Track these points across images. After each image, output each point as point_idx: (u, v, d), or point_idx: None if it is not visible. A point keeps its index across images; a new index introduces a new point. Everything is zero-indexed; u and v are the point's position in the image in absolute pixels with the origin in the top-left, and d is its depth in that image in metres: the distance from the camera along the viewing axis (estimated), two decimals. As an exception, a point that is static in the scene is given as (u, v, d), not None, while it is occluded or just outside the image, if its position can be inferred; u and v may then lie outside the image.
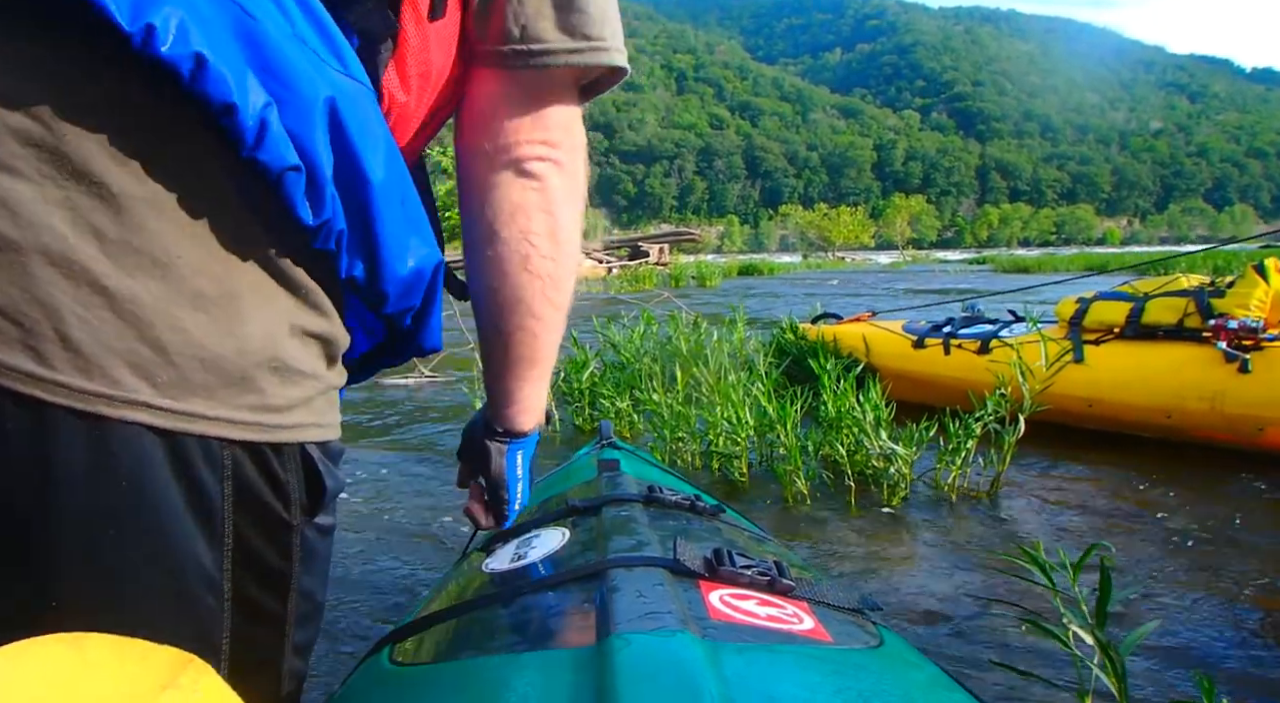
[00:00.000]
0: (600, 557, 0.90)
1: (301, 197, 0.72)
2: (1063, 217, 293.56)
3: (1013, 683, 1.80)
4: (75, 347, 0.64)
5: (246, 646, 0.78)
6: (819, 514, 3.00)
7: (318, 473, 0.81)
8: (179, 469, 0.69)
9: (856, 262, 52.17)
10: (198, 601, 0.73)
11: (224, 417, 0.71)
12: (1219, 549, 2.54)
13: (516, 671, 0.67)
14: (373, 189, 0.78)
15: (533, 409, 1.15)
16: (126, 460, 0.67)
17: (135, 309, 0.66)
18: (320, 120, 0.72)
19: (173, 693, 0.54)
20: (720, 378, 4.00)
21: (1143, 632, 1.39)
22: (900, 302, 13.51)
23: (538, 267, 0.98)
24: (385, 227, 0.80)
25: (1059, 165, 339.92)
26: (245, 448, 0.73)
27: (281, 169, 0.69)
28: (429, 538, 2.85)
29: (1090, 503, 3.03)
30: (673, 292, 15.58)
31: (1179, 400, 3.59)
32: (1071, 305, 4.14)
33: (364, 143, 0.76)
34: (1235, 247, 15.21)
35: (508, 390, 1.11)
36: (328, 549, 0.89)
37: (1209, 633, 2.01)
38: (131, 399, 0.66)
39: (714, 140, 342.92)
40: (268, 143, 0.67)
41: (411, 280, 0.87)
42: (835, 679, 0.64)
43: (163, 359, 0.68)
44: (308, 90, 0.70)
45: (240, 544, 0.75)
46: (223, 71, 0.64)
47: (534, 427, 1.17)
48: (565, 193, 0.98)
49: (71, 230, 0.64)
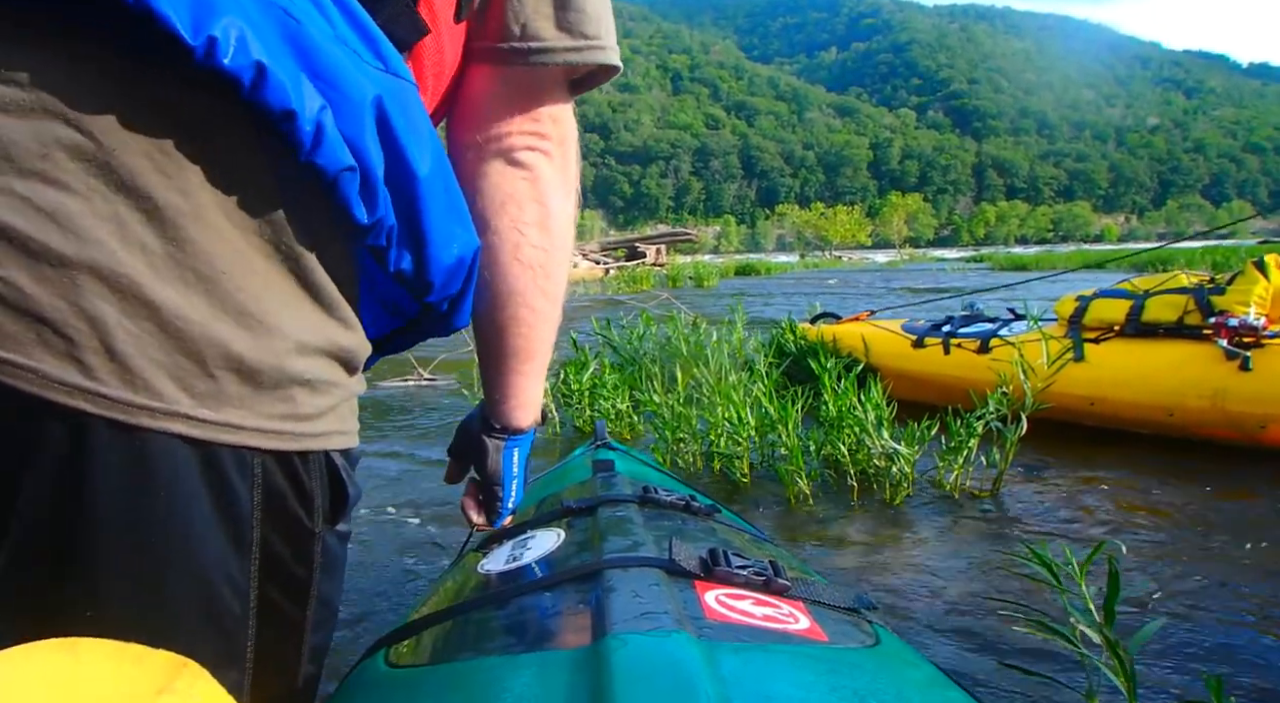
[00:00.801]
0: (596, 557, 0.90)
1: (356, 196, 0.73)
2: (1060, 214, 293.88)
3: (1018, 683, 1.80)
4: (121, 359, 0.65)
5: (267, 651, 0.79)
6: (821, 514, 3.00)
7: (341, 480, 0.82)
8: (211, 478, 0.70)
9: (854, 261, 52.19)
10: (225, 607, 0.74)
11: (256, 426, 0.72)
12: (1224, 547, 2.54)
13: (512, 672, 0.67)
14: (420, 183, 0.79)
15: (529, 405, 1.17)
16: (163, 471, 0.67)
17: (180, 323, 0.66)
18: (369, 120, 0.73)
19: (168, 698, 0.54)
20: (721, 378, 4.00)
21: (1150, 630, 1.39)
22: (899, 301, 13.50)
23: (529, 256, 1.01)
24: (432, 218, 0.82)
25: (1055, 162, 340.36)
26: (275, 457, 0.74)
27: (338, 171, 0.70)
28: (424, 540, 2.85)
29: (1093, 501, 3.03)
30: (670, 292, 15.57)
31: (1180, 398, 3.58)
32: (1071, 303, 4.14)
33: (410, 138, 0.77)
34: (1182, 244, 15.22)
35: (504, 385, 1.14)
36: (345, 555, 0.89)
37: (1216, 632, 2.01)
38: (171, 410, 0.67)
39: (710, 140, 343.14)
40: (324, 146, 0.68)
41: (455, 268, 0.88)
42: (831, 678, 0.64)
43: (203, 371, 0.68)
44: (355, 92, 0.71)
45: (266, 552, 0.76)
46: (281, 79, 0.65)
47: (531, 424, 1.19)
48: (556, 183, 1.01)
49: (120, 244, 0.64)
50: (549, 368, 1.19)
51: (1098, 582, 1.48)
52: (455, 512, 3.05)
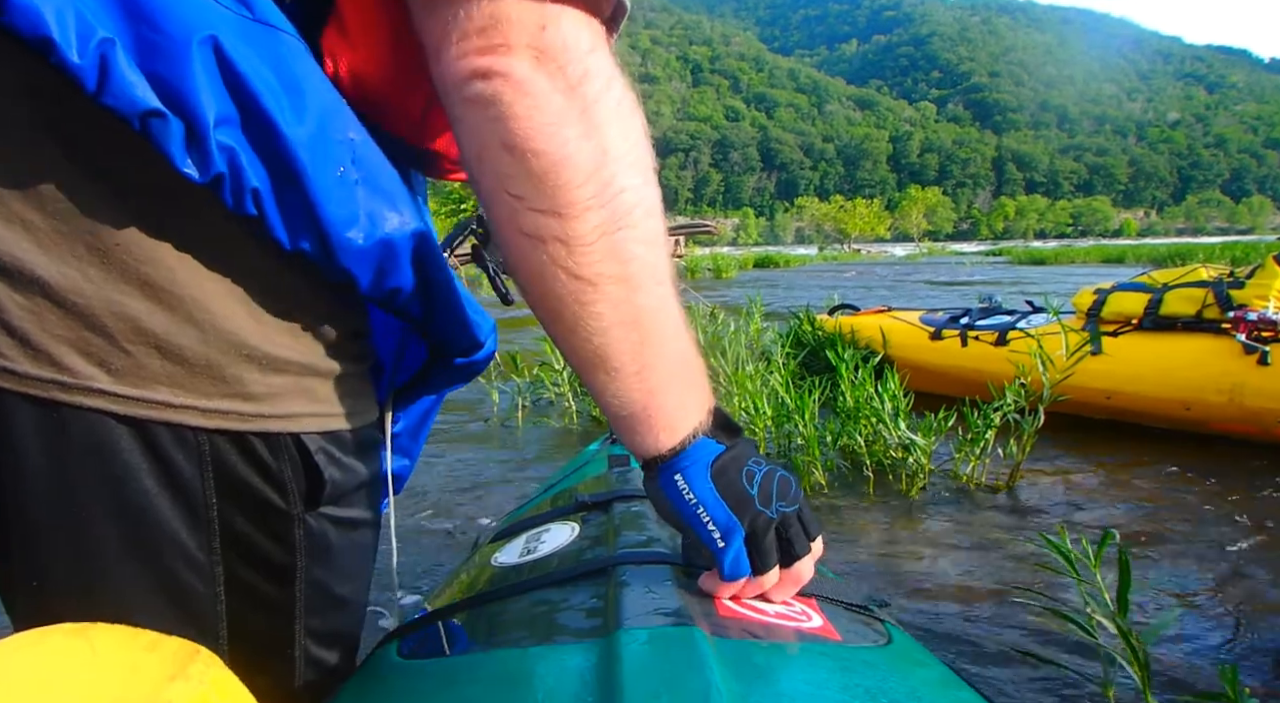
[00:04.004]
0: (610, 552, 0.90)
1: (180, 148, 0.63)
2: (1079, 208, 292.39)
3: (1032, 674, 1.79)
4: (22, 336, 0.64)
5: (250, 630, 0.79)
6: (837, 504, 2.99)
7: (315, 464, 0.78)
8: (151, 455, 0.69)
9: (872, 254, 52.09)
10: (181, 582, 0.73)
11: (192, 405, 0.70)
12: (1239, 540, 2.53)
13: (525, 664, 0.67)
14: (290, 143, 0.67)
15: (656, 422, 0.83)
16: (92, 445, 0.67)
17: (75, 298, 0.65)
18: (198, 62, 0.63)
19: (181, 683, 0.55)
20: (738, 368, 3.99)
21: (1166, 620, 1.38)
22: (921, 294, 13.45)
23: (532, 226, 0.73)
24: (318, 188, 0.70)
25: (1076, 157, 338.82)
26: (225, 436, 0.72)
27: (138, 114, 0.61)
28: (440, 532, 2.85)
29: (1110, 495, 3.01)
30: (689, 284, 15.55)
31: (1198, 393, 3.56)
32: (1089, 296, 4.11)
33: (270, 91, 0.67)
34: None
35: (606, 407, 0.83)
36: (354, 542, 0.88)
37: (1232, 624, 2.00)
38: (86, 386, 0.66)
39: (730, 132, 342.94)
40: (113, 85, 0.60)
41: (379, 254, 0.76)
42: (842, 677, 0.63)
43: (113, 346, 0.67)
44: (175, 27, 0.63)
45: (229, 530, 0.74)
46: (32, 2, 0.57)
47: (680, 442, 0.84)
48: (539, 113, 0.69)
49: (1, 224, 0.63)
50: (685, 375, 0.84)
51: (1113, 574, 1.47)
52: (469, 504, 3.07)
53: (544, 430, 4.35)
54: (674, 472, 0.83)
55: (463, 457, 3.87)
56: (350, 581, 0.89)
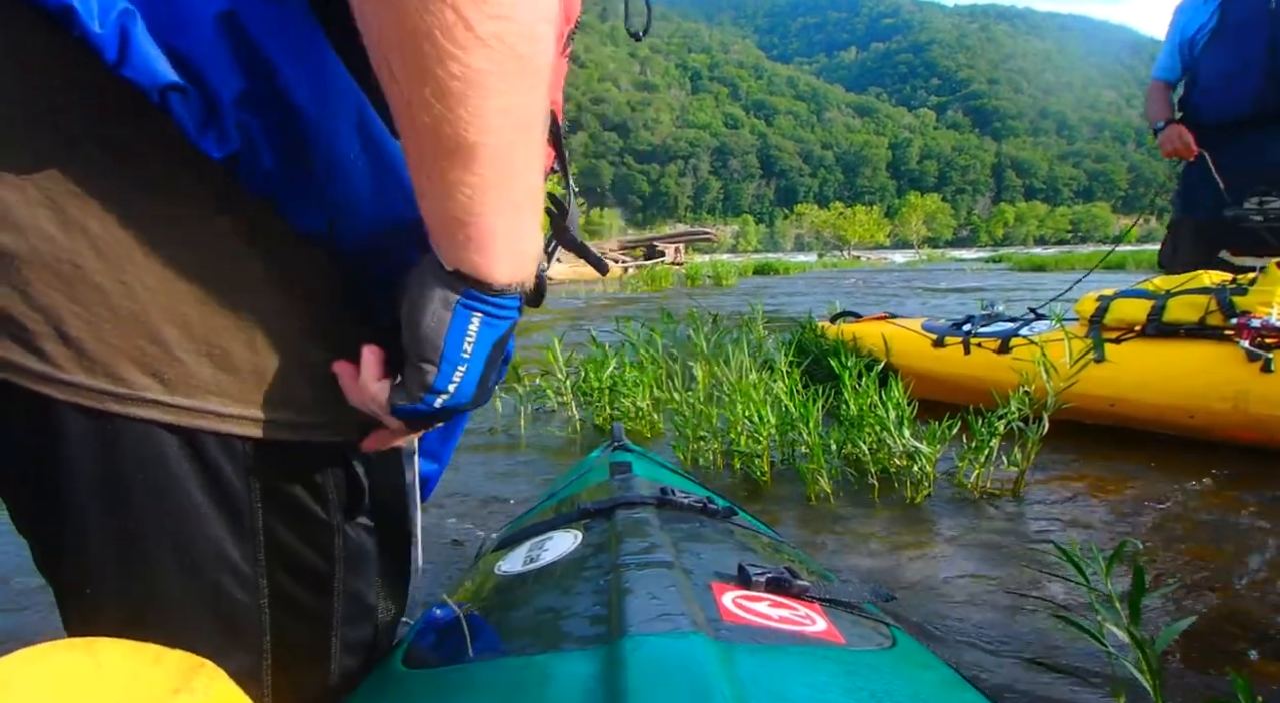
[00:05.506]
0: (613, 559, 0.90)
1: (199, 123, 0.62)
2: (1079, 215, 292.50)
3: (1039, 682, 1.79)
4: (77, 345, 0.64)
5: (291, 642, 0.78)
6: (842, 512, 2.98)
7: (355, 473, 0.79)
8: (199, 464, 0.69)
9: (872, 261, 52.10)
10: (227, 594, 0.73)
11: (241, 414, 0.70)
12: (1247, 547, 2.52)
13: (530, 672, 0.67)
14: (308, 121, 0.65)
15: (496, 250, 0.68)
16: (141, 455, 0.67)
17: (132, 305, 0.65)
18: (215, 36, 0.62)
19: (185, 697, 0.55)
20: (741, 376, 3.98)
21: (1177, 628, 1.38)
22: (922, 301, 13.45)
23: None
24: (333, 168, 0.67)
25: (1075, 163, 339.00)
26: (273, 445, 0.73)
27: (156, 87, 0.60)
28: (443, 540, 2.85)
29: (1115, 502, 3.01)
30: (689, 291, 15.55)
31: (1201, 400, 3.54)
32: (1092, 303, 4.10)
33: (289, 65, 0.64)
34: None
35: (441, 208, 0.65)
36: (388, 552, 0.88)
37: (1243, 632, 1.99)
38: (140, 396, 0.66)
39: (729, 140, 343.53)
40: (133, 57, 0.59)
41: (389, 236, 0.73)
42: (847, 680, 0.63)
43: (166, 355, 0.67)
44: (194, 2, 0.62)
45: (272, 540, 0.75)
46: None
47: (510, 281, 0.71)
48: None
49: (60, 230, 0.63)
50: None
51: (1122, 582, 1.47)
52: (474, 512, 3.06)
53: (546, 438, 4.35)
54: (475, 309, 0.70)
55: (465, 465, 3.87)
56: (377, 587, 0.89)
